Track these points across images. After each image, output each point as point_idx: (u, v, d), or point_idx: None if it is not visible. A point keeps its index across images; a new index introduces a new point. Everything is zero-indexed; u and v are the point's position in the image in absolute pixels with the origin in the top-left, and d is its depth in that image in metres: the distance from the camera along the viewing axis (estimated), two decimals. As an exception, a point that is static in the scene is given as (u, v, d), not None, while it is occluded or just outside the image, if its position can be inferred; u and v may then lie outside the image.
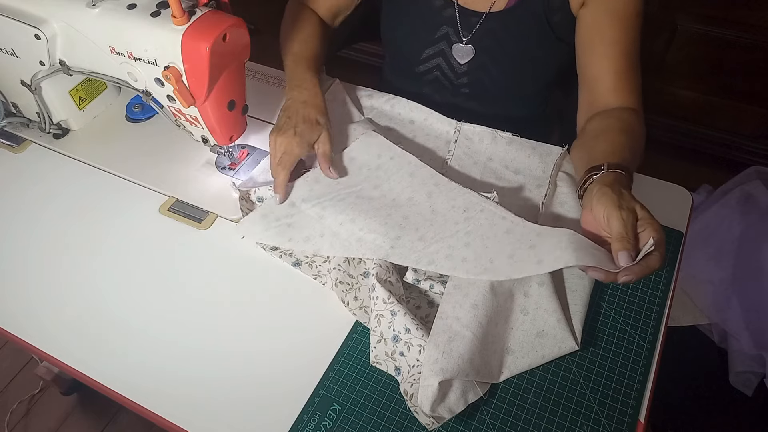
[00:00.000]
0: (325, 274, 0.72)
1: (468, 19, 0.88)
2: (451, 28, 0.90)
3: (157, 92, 0.74)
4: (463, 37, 0.89)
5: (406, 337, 0.63)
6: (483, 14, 0.87)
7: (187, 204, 0.81)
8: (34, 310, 0.72)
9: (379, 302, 0.65)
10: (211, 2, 0.69)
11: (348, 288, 0.70)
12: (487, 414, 0.61)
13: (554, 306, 0.65)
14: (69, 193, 0.84)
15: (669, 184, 0.81)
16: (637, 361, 0.64)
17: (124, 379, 0.65)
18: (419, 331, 0.62)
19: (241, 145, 0.87)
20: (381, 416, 0.61)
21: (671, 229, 0.76)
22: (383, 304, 0.65)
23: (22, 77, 0.84)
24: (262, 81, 0.99)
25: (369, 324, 0.67)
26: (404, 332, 0.63)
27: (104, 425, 1.38)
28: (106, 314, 0.71)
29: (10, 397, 1.43)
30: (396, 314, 0.64)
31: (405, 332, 0.63)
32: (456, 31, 0.89)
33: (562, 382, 0.63)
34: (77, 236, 0.79)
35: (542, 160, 0.80)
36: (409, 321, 0.63)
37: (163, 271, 0.75)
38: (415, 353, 0.62)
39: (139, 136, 0.91)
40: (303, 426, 0.61)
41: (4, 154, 0.90)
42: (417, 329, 0.63)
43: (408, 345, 0.63)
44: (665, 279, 0.71)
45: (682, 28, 1.56)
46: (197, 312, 0.70)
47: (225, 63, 0.70)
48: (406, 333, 0.63)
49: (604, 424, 0.60)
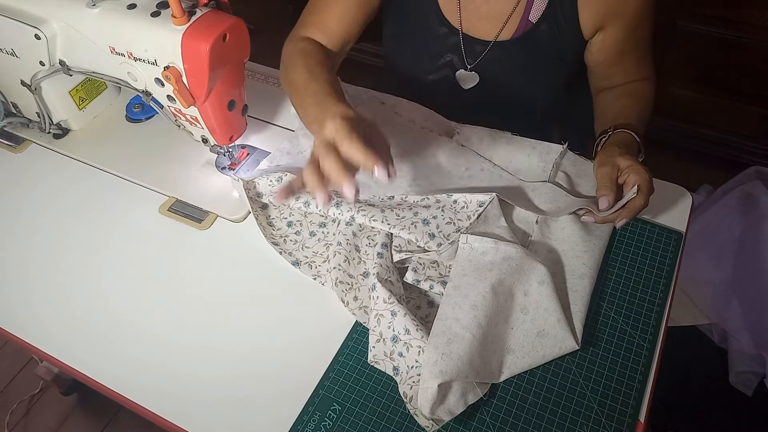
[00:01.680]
0: (324, 274, 0.72)
1: (473, 47, 0.87)
2: (456, 56, 0.89)
3: (157, 92, 0.74)
4: (468, 65, 0.89)
5: (406, 338, 0.63)
6: (489, 43, 0.86)
7: (187, 204, 0.81)
8: (34, 310, 0.72)
9: (380, 302, 0.65)
10: (211, 2, 0.69)
11: (348, 288, 0.70)
12: (487, 414, 0.61)
13: (554, 305, 0.65)
14: (69, 193, 0.84)
15: (669, 184, 0.81)
16: (637, 361, 0.64)
17: (124, 379, 0.65)
18: (419, 332, 0.62)
19: (241, 145, 0.87)
20: (381, 416, 0.61)
21: (671, 229, 0.76)
22: (383, 304, 0.65)
23: (22, 77, 0.84)
24: (262, 81, 0.99)
25: (368, 324, 0.67)
26: (404, 333, 0.63)
27: (104, 425, 1.38)
28: (106, 314, 0.71)
29: (10, 397, 1.43)
30: (396, 314, 0.64)
31: (404, 333, 0.63)
32: (461, 59, 0.89)
33: (562, 382, 0.63)
34: (77, 236, 0.79)
35: (542, 158, 0.81)
36: (408, 321, 0.63)
37: (163, 271, 0.75)
38: (414, 354, 0.62)
39: (139, 136, 0.91)
40: (303, 426, 0.61)
41: (4, 154, 0.91)
42: (417, 330, 0.63)
43: (407, 346, 0.63)
44: (665, 279, 0.71)
45: (682, 28, 1.56)
46: (197, 312, 0.70)
47: (225, 63, 0.70)
48: (405, 334, 0.63)
49: (604, 424, 0.60)
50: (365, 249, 0.72)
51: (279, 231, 0.77)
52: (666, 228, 0.76)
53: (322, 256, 0.74)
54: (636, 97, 0.86)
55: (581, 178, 0.79)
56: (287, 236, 0.76)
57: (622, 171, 0.71)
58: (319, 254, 0.74)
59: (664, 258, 0.73)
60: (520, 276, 0.66)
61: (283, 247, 0.75)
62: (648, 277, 0.71)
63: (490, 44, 0.86)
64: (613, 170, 0.71)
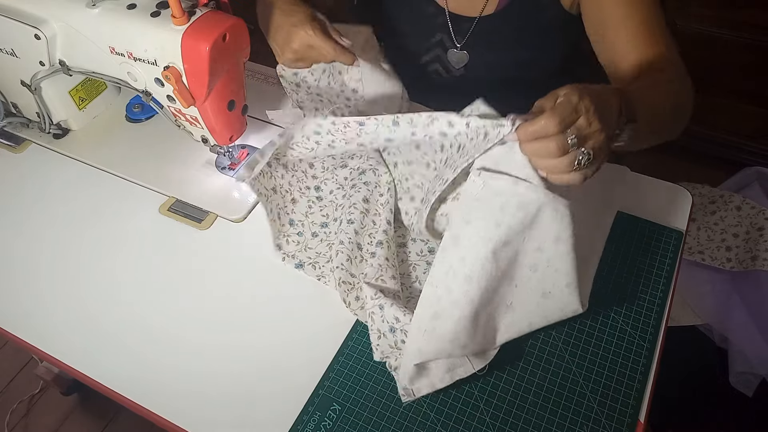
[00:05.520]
0: (328, 274, 0.73)
1: (460, 25, 0.87)
2: (445, 35, 0.89)
3: (157, 92, 0.74)
4: (457, 43, 0.89)
5: (399, 326, 0.63)
6: (474, 19, 0.86)
7: (187, 204, 0.81)
8: (34, 310, 0.72)
9: (368, 300, 0.66)
10: (211, 2, 0.69)
11: (350, 288, 0.70)
12: (487, 414, 0.61)
13: (567, 267, 0.58)
14: (69, 193, 0.84)
15: (669, 184, 0.81)
16: (637, 361, 0.64)
17: (124, 379, 0.65)
18: (407, 316, 0.63)
19: (241, 145, 0.87)
20: (381, 416, 0.61)
21: (671, 228, 0.76)
22: (371, 301, 0.66)
23: (22, 77, 0.84)
24: (262, 81, 0.99)
25: None
26: (395, 321, 0.64)
27: (104, 425, 1.38)
28: (106, 314, 0.71)
29: (10, 397, 1.43)
30: (383, 307, 0.64)
31: (396, 321, 0.64)
32: (450, 38, 0.89)
33: (562, 382, 0.63)
34: (77, 236, 0.79)
35: None
36: (396, 310, 0.64)
37: (163, 271, 0.75)
38: None
39: (139, 136, 0.91)
40: (303, 426, 0.61)
41: (4, 154, 0.90)
42: (405, 315, 0.63)
43: (404, 332, 0.63)
44: (665, 279, 0.71)
45: (681, 28, 1.56)
46: (197, 312, 0.70)
47: (225, 63, 0.70)
48: (396, 322, 0.63)
49: (604, 424, 0.60)
50: (366, 247, 0.72)
51: (283, 228, 0.76)
52: (666, 228, 0.76)
53: (325, 256, 0.74)
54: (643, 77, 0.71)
55: None
56: (289, 236, 0.76)
57: None
58: (322, 254, 0.74)
59: (664, 258, 0.73)
60: (533, 230, 0.57)
61: (286, 249, 0.75)
62: (648, 277, 0.71)
63: (476, 20, 0.86)
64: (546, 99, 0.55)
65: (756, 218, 1.35)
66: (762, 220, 1.34)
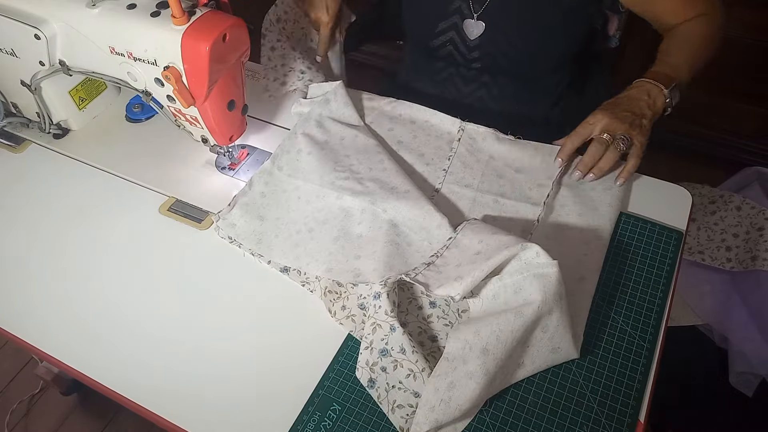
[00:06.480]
0: (313, 281, 0.71)
1: None
2: (464, 2, 0.90)
3: (157, 92, 0.74)
4: (474, 12, 0.90)
5: (398, 357, 0.61)
6: None
7: (187, 204, 0.81)
8: (34, 310, 0.72)
9: (381, 312, 0.64)
10: (211, 2, 0.69)
11: (336, 297, 0.69)
12: (487, 414, 0.61)
13: (570, 321, 0.62)
14: (69, 193, 0.84)
15: (669, 184, 0.81)
16: (637, 361, 0.64)
17: (124, 379, 0.65)
18: (414, 355, 0.61)
19: (241, 145, 0.87)
20: (381, 416, 0.61)
21: (671, 228, 0.76)
22: (385, 315, 0.63)
23: (22, 77, 0.84)
24: (262, 81, 0.99)
25: (355, 332, 0.66)
26: (398, 351, 0.62)
27: (104, 425, 1.38)
28: (105, 314, 0.71)
29: (10, 397, 1.43)
30: (395, 330, 0.62)
31: (399, 351, 0.62)
32: (468, 5, 0.90)
33: (562, 382, 0.63)
34: (77, 236, 0.79)
35: (544, 159, 0.80)
36: (406, 341, 0.62)
37: (163, 271, 0.75)
38: (401, 375, 0.61)
39: (139, 136, 0.91)
40: (303, 426, 0.61)
41: (4, 154, 0.91)
42: (413, 353, 0.61)
43: (396, 364, 0.61)
44: (665, 279, 0.71)
45: (682, 28, 1.55)
46: (197, 312, 0.70)
47: (225, 63, 0.70)
48: (399, 352, 0.62)
49: (604, 424, 0.60)
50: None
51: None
52: (666, 228, 0.76)
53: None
54: (683, 36, 0.85)
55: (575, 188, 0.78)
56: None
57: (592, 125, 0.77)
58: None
59: (664, 258, 0.73)
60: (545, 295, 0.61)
61: (270, 255, 0.74)
62: (648, 277, 0.71)
63: None
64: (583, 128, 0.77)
65: (756, 218, 1.35)
66: (762, 220, 1.34)
